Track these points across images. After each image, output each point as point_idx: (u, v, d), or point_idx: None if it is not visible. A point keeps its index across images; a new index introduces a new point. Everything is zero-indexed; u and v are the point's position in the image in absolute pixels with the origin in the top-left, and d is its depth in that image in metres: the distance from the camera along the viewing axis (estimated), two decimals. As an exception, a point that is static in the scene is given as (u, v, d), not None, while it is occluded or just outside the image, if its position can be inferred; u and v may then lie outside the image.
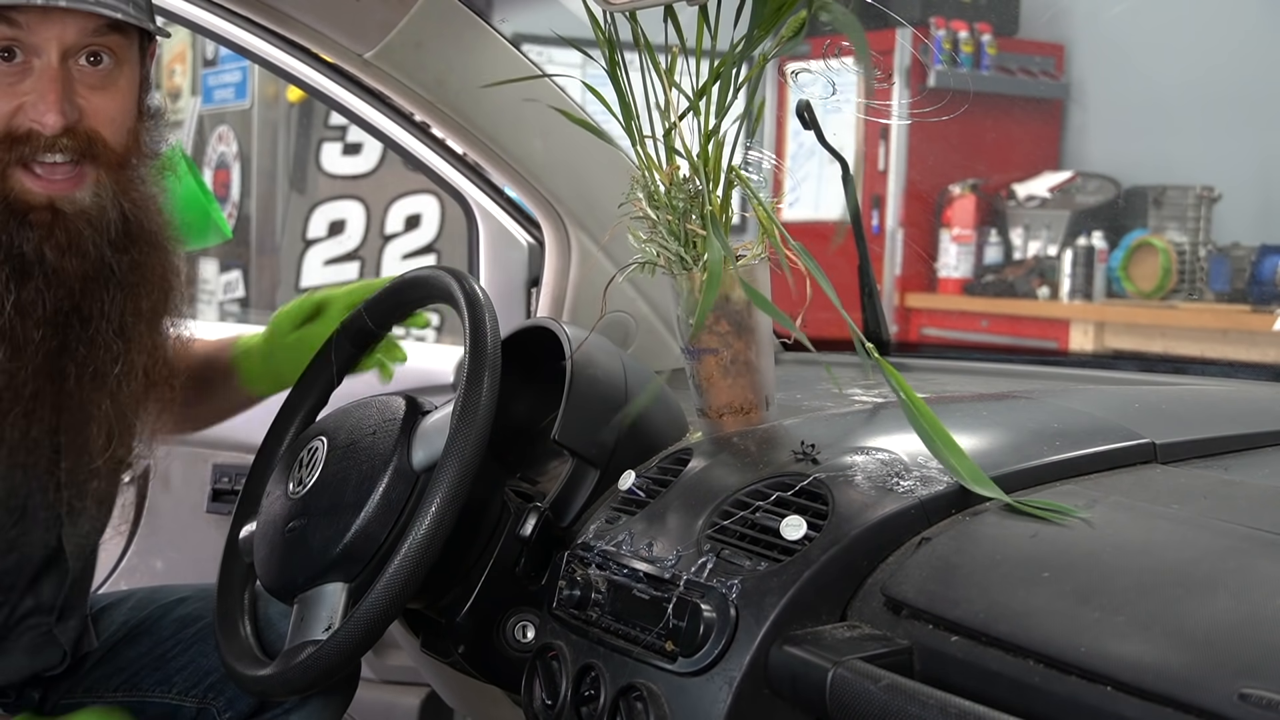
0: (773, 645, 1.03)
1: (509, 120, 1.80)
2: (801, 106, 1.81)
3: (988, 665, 0.93)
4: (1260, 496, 1.16)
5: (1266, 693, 0.78)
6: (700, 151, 1.28)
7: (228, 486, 2.05)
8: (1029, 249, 5.16)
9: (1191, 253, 4.66)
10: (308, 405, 1.51)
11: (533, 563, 1.31)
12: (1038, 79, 5.27)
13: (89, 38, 1.32)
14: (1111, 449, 1.23)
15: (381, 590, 1.20)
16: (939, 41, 5.11)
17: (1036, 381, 1.79)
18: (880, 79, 1.23)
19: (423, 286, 1.43)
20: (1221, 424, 1.37)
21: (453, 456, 1.21)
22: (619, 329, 1.93)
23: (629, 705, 1.10)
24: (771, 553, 1.09)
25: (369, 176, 5.07)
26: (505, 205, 2.09)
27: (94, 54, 1.33)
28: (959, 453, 1.13)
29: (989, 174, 5.25)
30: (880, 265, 5.23)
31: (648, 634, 1.12)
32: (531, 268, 2.08)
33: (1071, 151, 5.34)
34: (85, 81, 1.33)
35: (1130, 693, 0.84)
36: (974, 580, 1.01)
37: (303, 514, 1.31)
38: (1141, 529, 1.05)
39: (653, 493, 1.26)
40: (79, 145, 1.32)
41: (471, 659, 1.33)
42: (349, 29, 1.67)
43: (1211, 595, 0.90)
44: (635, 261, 1.34)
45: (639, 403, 1.34)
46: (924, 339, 5.25)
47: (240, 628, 1.41)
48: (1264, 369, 1.91)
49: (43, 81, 1.30)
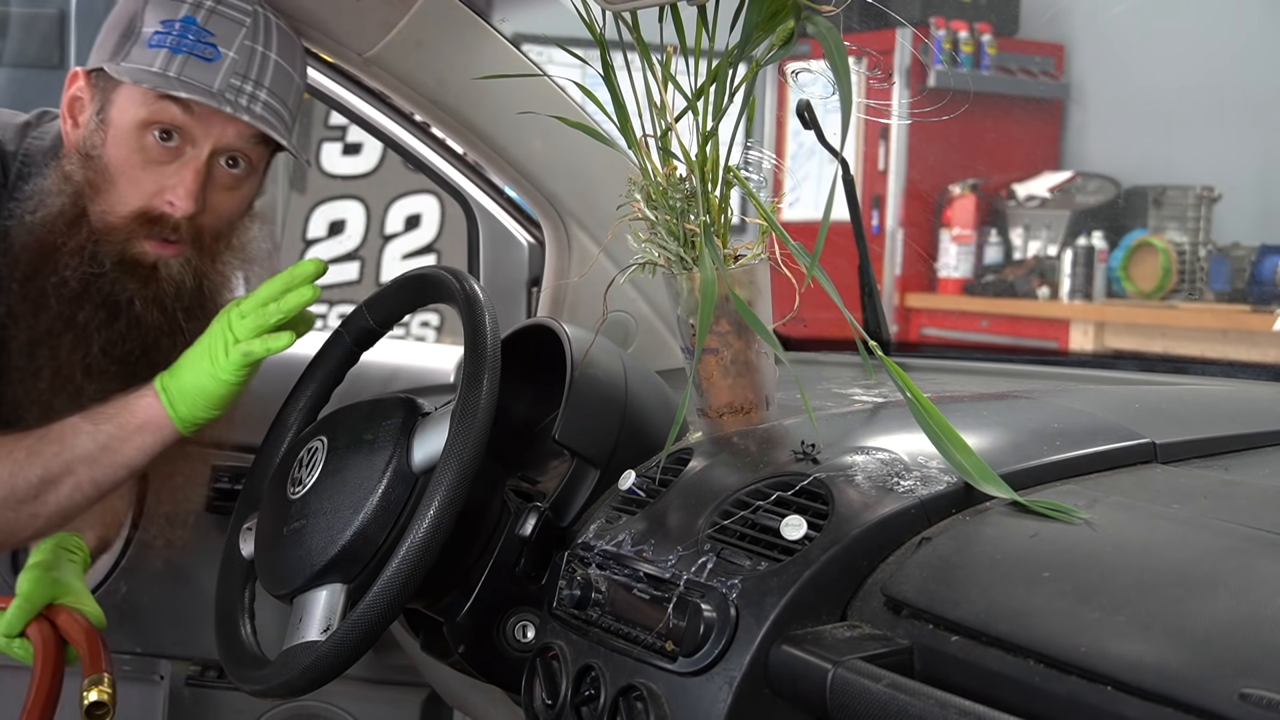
0: (773, 645, 1.03)
1: (509, 120, 1.80)
2: (801, 106, 1.82)
3: (988, 665, 0.93)
4: (1260, 496, 1.16)
5: (1266, 693, 0.78)
6: (699, 153, 1.28)
7: (228, 486, 2.05)
8: (1029, 249, 5.16)
9: (1191, 253, 4.66)
10: (308, 405, 1.51)
11: (533, 563, 1.31)
12: (1038, 79, 5.28)
13: (240, 143, 1.48)
14: (1111, 449, 1.23)
15: (380, 591, 1.20)
16: (939, 41, 5.11)
17: (1036, 381, 1.79)
18: (880, 79, 1.23)
19: (423, 286, 1.43)
20: (1221, 424, 1.37)
21: (451, 458, 1.21)
22: (619, 329, 1.93)
23: (629, 705, 1.10)
24: (772, 552, 1.09)
25: (369, 176, 5.07)
26: (505, 205, 2.09)
27: (234, 158, 1.50)
28: (966, 450, 1.12)
29: (989, 174, 5.25)
30: (880, 265, 5.23)
31: (648, 634, 1.12)
32: (531, 268, 2.08)
33: (1071, 151, 5.34)
34: (220, 180, 1.50)
35: (1130, 692, 0.84)
36: (974, 580, 1.00)
37: (302, 514, 1.31)
38: (1142, 529, 1.05)
39: (653, 493, 1.26)
40: (191, 232, 1.49)
41: (471, 659, 1.33)
42: (349, 29, 1.67)
43: (1212, 595, 0.90)
44: (635, 262, 1.34)
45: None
46: (924, 339, 5.25)
47: (240, 628, 1.41)
48: (1264, 369, 1.91)
49: (188, 171, 1.46)
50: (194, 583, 2.02)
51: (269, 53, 1.50)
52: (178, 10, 1.47)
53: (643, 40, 1.28)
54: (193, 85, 1.44)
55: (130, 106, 1.46)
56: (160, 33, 1.46)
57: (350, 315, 1.50)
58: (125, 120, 1.47)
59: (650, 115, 1.30)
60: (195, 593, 1.99)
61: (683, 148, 1.29)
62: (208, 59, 1.46)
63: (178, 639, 2.09)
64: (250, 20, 1.50)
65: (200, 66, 1.45)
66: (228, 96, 1.46)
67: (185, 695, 2.10)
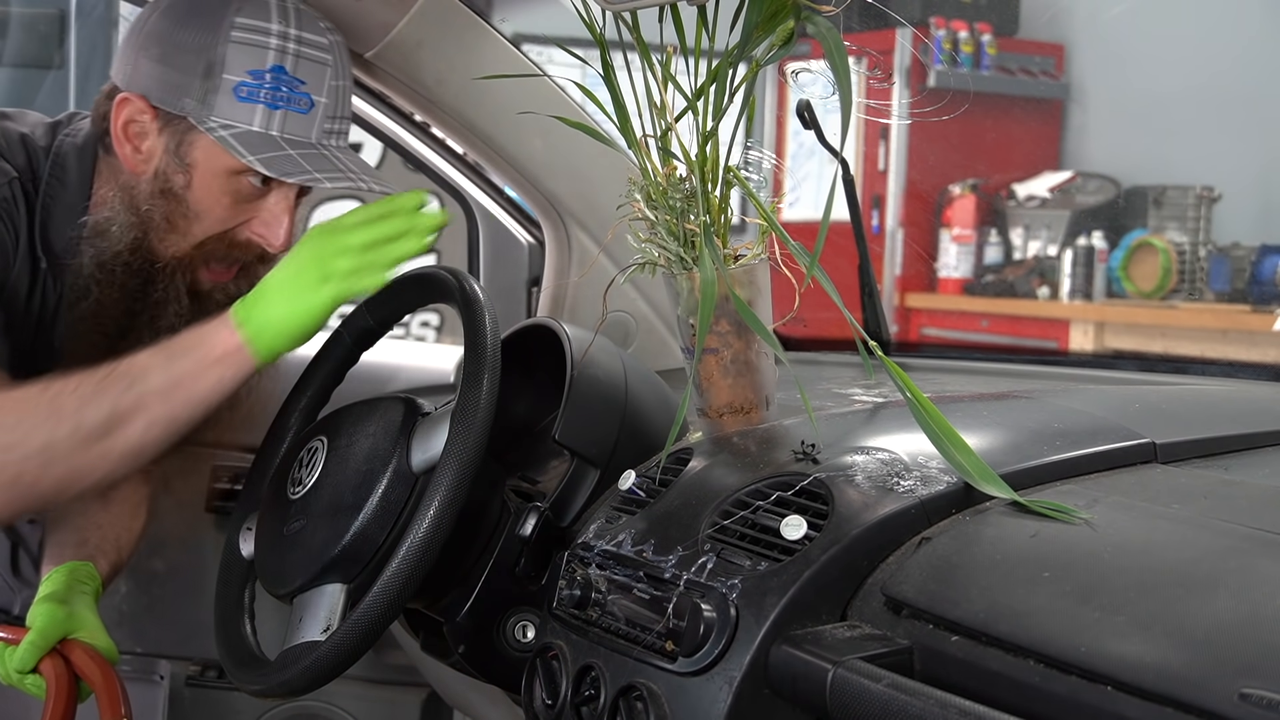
0: (773, 645, 1.03)
1: (509, 120, 1.80)
2: (801, 106, 1.82)
3: (988, 665, 0.93)
4: (1260, 496, 1.16)
5: (1266, 692, 0.78)
6: (699, 153, 1.28)
7: (228, 486, 2.05)
8: (1029, 249, 5.16)
9: (1191, 253, 4.66)
10: (308, 405, 1.51)
11: (533, 563, 1.31)
12: (1038, 79, 5.28)
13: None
14: (1111, 449, 1.23)
15: (380, 592, 1.20)
16: (939, 41, 5.11)
17: (1036, 381, 1.79)
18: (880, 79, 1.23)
19: (423, 286, 1.42)
20: (1221, 424, 1.37)
21: (451, 459, 1.21)
22: (619, 329, 1.93)
23: (629, 705, 1.10)
24: (772, 552, 1.09)
25: (369, 176, 5.07)
26: (505, 205, 2.09)
27: (304, 191, 1.53)
28: (966, 450, 1.12)
29: (989, 174, 5.25)
30: (880, 265, 5.23)
31: (648, 634, 1.12)
32: (531, 268, 2.08)
33: (1071, 151, 5.35)
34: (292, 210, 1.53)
35: (1130, 692, 0.84)
36: (974, 580, 1.00)
37: (302, 515, 1.31)
38: (1142, 529, 1.05)
39: (653, 493, 1.26)
40: (251, 263, 1.53)
41: (471, 659, 1.33)
42: (349, 29, 1.66)
43: (1212, 595, 0.90)
44: (635, 263, 1.34)
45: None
46: (924, 339, 5.25)
47: (240, 628, 1.41)
48: (1264, 369, 1.91)
49: (280, 208, 1.50)
50: (194, 583, 2.02)
51: (347, 83, 1.52)
52: (265, 58, 1.45)
53: (643, 40, 1.28)
54: (297, 143, 1.45)
55: (223, 156, 1.45)
56: (251, 85, 1.44)
57: (350, 315, 1.50)
58: (217, 167, 1.46)
59: (650, 115, 1.30)
60: (195, 593, 1.99)
61: (683, 148, 1.29)
62: (303, 110, 1.46)
63: (178, 639, 2.10)
64: (331, 56, 1.49)
65: (298, 120, 1.46)
66: (324, 144, 1.47)
67: (185, 695, 2.10)
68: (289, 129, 1.45)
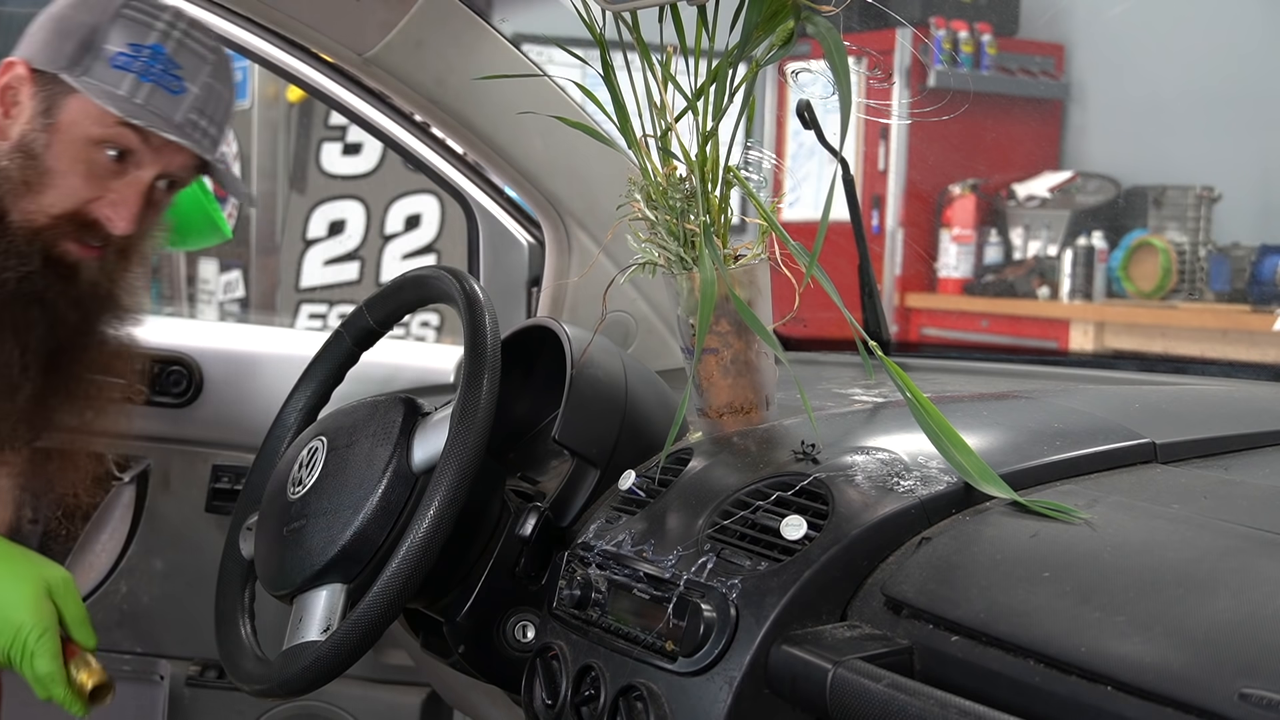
0: (773, 645, 1.03)
1: (509, 120, 1.80)
2: (801, 106, 1.82)
3: (988, 665, 0.93)
4: (1260, 496, 1.16)
5: (1266, 692, 0.78)
6: (699, 153, 1.28)
7: (228, 486, 2.05)
8: (1029, 249, 5.16)
9: (1191, 253, 4.66)
10: (308, 405, 1.51)
11: (533, 563, 1.31)
12: (1038, 79, 5.28)
13: (182, 171, 1.53)
14: (1111, 449, 1.23)
15: (379, 592, 1.20)
16: (939, 41, 5.11)
17: (1036, 381, 1.79)
18: (880, 79, 1.23)
19: (423, 286, 1.43)
20: (1221, 424, 1.37)
21: (451, 459, 1.21)
22: (619, 329, 1.93)
23: (629, 705, 1.10)
24: (772, 552, 1.09)
25: (369, 176, 5.07)
26: (505, 205, 2.09)
27: (174, 182, 1.54)
28: (966, 450, 1.12)
29: (989, 174, 5.25)
30: (880, 265, 5.23)
31: (648, 634, 1.12)
32: (531, 268, 2.08)
33: (1071, 151, 5.34)
34: (152, 198, 1.53)
35: (1130, 692, 0.84)
36: (974, 580, 1.00)
37: (302, 514, 1.31)
38: (1142, 529, 1.05)
39: (653, 493, 1.26)
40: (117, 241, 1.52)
41: (471, 659, 1.33)
42: (349, 29, 1.67)
43: (1212, 595, 0.90)
44: (635, 262, 1.34)
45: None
46: (924, 339, 5.25)
47: (240, 627, 1.41)
48: (1264, 369, 1.91)
49: (131, 191, 1.49)
50: (194, 583, 2.02)
51: (225, 90, 1.55)
52: (147, 35, 1.49)
53: (643, 40, 1.28)
54: (157, 117, 1.47)
55: (85, 120, 1.48)
56: (127, 55, 1.47)
57: (350, 315, 1.50)
58: (77, 132, 1.48)
59: (650, 115, 1.30)
60: (195, 593, 1.99)
61: (683, 148, 1.29)
62: (173, 91, 1.48)
63: (178, 639, 2.10)
64: (214, 57, 1.53)
65: (165, 98, 1.48)
66: (187, 131, 1.49)
67: (185, 695, 2.10)
68: (154, 103, 1.47)
